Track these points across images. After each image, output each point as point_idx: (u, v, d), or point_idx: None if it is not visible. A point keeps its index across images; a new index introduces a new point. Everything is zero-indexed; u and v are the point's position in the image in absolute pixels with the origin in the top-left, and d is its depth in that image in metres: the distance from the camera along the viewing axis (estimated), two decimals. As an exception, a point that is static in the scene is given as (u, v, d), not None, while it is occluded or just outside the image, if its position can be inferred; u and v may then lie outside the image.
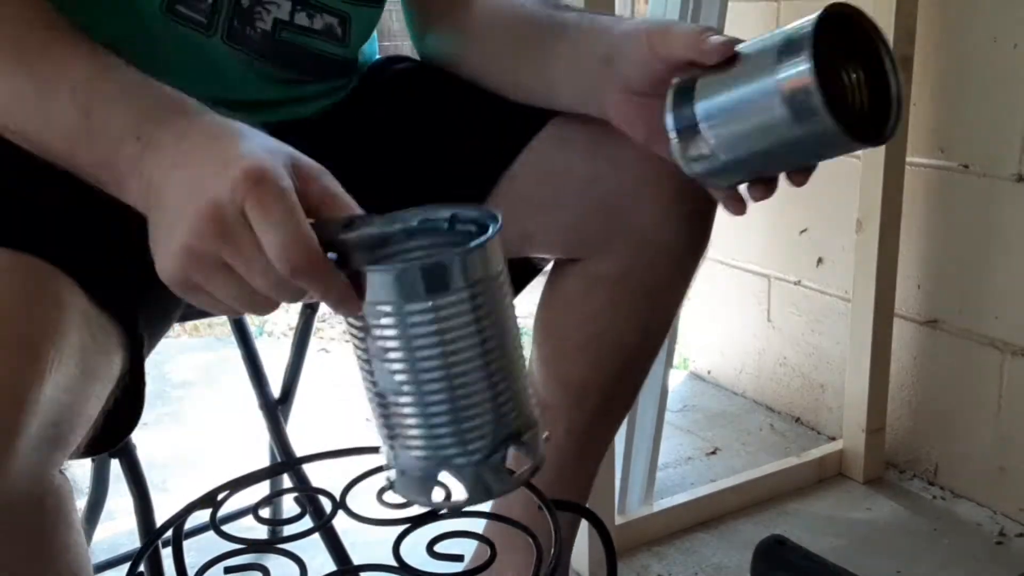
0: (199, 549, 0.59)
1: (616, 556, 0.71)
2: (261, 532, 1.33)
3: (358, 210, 0.57)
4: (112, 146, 0.59)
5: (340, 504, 0.67)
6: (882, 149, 1.56)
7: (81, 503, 1.21)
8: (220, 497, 0.66)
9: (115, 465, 1.12)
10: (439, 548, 0.62)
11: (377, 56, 1.03)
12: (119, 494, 1.16)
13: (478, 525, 0.66)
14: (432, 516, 0.63)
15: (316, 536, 1.50)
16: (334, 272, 0.53)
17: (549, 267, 0.90)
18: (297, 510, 0.69)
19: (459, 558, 0.63)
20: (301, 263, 0.52)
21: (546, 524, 0.64)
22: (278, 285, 0.54)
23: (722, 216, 2.17)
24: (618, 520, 1.49)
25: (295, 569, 0.60)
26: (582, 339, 0.70)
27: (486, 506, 0.66)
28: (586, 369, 0.85)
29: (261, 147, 0.56)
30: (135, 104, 0.60)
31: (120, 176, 0.59)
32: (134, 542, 1.42)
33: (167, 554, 0.67)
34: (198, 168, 0.55)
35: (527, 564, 0.60)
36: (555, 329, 0.72)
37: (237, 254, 0.53)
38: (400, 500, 0.60)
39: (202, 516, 0.66)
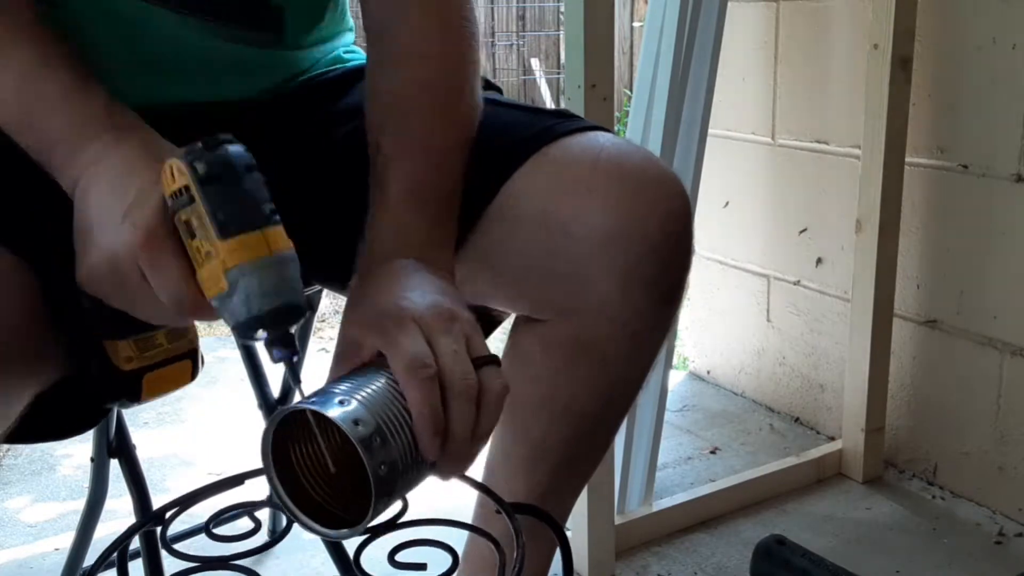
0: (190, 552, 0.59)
1: (573, 560, 0.70)
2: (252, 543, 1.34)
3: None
4: (48, 146, 0.68)
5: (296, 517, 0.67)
6: (882, 149, 1.57)
7: (81, 502, 1.21)
8: (168, 515, 0.65)
9: (115, 465, 1.12)
10: (400, 557, 0.62)
11: (350, 43, 1.01)
12: (119, 493, 1.16)
13: (438, 533, 0.65)
14: (391, 526, 0.63)
15: (283, 547, 1.50)
16: (213, 314, 0.63)
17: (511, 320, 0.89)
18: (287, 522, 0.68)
19: (422, 567, 0.62)
20: (191, 313, 0.63)
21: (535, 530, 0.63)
22: (167, 320, 0.66)
23: (722, 215, 2.17)
24: (618, 520, 1.49)
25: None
26: (537, 399, 0.70)
27: (450, 514, 0.66)
28: (543, 429, 0.84)
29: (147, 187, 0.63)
30: (69, 113, 0.68)
31: (54, 170, 0.68)
32: (133, 541, 1.42)
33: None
34: (105, 203, 0.64)
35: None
36: (513, 384, 0.70)
37: (132, 298, 0.64)
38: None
39: (190, 522, 0.65)
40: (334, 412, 0.56)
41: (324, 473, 0.62)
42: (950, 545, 1.54)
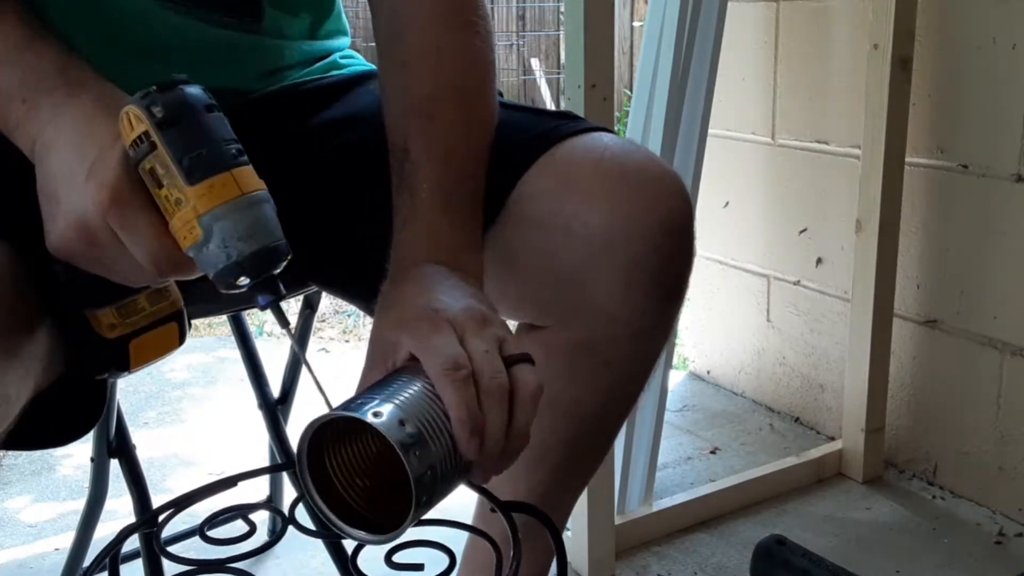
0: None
1: (567, 559, 0.70)
2: (248, 546, 1.33)
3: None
4: (2, 103, 0.65)
5: (289, 519, 0.66)
6: (882, 149, 1.57)
7: (81, 502, 1.21)
8: (161, 519, 0.64)
9: (115, 465, 1.12)
10: (398, 558, 0.62)
11: (346, 47, 1.00)
12: (119, 493, 1.16)
13: (436, 533, 0.65)
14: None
15: (279, 550, 1.49)
16: (194, 268, 0.61)
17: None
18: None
19: (419, 567, 0.62)
20: (169, 269, 0.61)
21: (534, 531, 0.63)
22: (149, 278, 0.64)
23: (722, 215, 2.17)
24: (618, 520, 1.49)
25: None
26: (540, 403, 0.70)
27: (446, 513, 0.66)
28: (544, 432, 0.81)
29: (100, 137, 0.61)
30: (20, 67, 0.66)
31: (10, 130, 0.66)
32: (133, 541, 1.42)
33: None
34: (67, 164, 0.62)
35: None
36: None
37: (108, 261, 0.62)
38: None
39: (191, 522, 0.65)
40: (375, 420, 0.56)
41: (359, 478, 0.61)
42: (950, 545, 1.54)
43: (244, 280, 0.60)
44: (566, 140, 0.80)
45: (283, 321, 0.63)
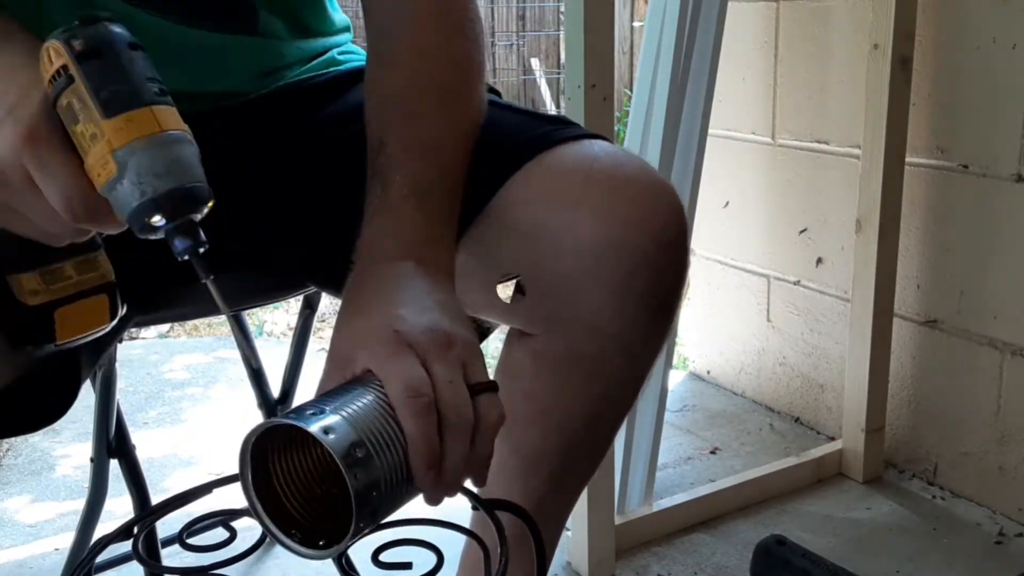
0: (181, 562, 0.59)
1: (547, 561, 0.69)
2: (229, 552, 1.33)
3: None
4: None
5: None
6: (882, 149, 1.57)
7: (80, 502, 1.21)
8: (136, 529, 0.63)
9: (114, 465, 1.12)
10: (385, 557, 0.61)
11: (346, 43, 1.00)
12: (118, 493, 1.16)
13: (423, 533, 0.64)
14: (376, 526, 0.61)
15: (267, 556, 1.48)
16: (111, 215, 0.58)
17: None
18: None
19: (407, 566, 0.62)
20: (84, 212, 0.58)
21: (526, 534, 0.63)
22: (65, 227, 0.60)
23: (722, 215, 2.17)
24: (618, 520, 1.49)
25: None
26: (530, 412, 0.68)
27: (431, 512, 0.65)
28: (536, 440, 0.83)
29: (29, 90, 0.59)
30: None
31: None
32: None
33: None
34: None
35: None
36: (505, 397, 0.66)
37: (23, 205, 0.60)
38: None
39: (181, 526, 0.64)
40: (316, 428, 0.54)
41: (305, 490, 0.60)
42: (950, 545, 1.54)
43: (160, 220, 0.57)
44: (556, 147, 0.78)
45: (204, 272, 0.60)
